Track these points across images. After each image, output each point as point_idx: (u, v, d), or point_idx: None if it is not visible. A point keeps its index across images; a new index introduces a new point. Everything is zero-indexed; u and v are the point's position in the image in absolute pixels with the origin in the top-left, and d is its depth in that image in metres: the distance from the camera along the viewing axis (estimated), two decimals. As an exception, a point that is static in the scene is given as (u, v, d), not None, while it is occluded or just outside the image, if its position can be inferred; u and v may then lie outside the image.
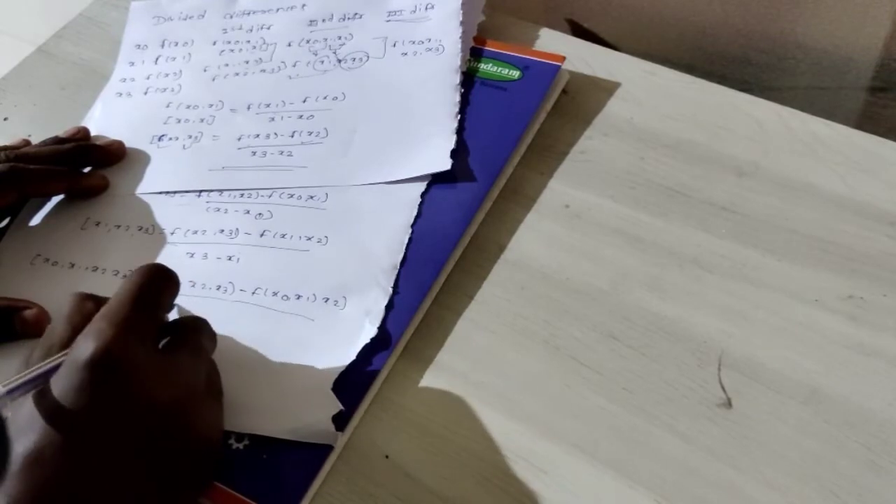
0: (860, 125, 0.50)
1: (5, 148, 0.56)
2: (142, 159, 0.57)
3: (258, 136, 0.56)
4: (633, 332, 0.44)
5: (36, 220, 0.55)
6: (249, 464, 0.42)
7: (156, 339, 0.40)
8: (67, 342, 0.38)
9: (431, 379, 0.45)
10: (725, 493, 0.39)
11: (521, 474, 0.41)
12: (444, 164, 0.51)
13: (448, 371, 0.45)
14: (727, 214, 0.48)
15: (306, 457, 0.42)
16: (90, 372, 0.36)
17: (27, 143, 0.57)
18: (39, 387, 0.36)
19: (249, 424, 0.43)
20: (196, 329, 0.42)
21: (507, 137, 0.52)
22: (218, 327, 0.45)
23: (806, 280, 0.44)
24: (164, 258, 0.51)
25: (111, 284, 0.50)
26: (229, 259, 0.50)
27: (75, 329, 0.39)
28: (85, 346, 0.36)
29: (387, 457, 0.42)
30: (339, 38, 0.60)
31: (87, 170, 0.57)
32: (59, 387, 0.36)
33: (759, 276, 0.45)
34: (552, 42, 0.58)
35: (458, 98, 0.54)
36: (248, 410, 0.43)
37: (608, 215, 0.49)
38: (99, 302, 0.40)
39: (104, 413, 0.36)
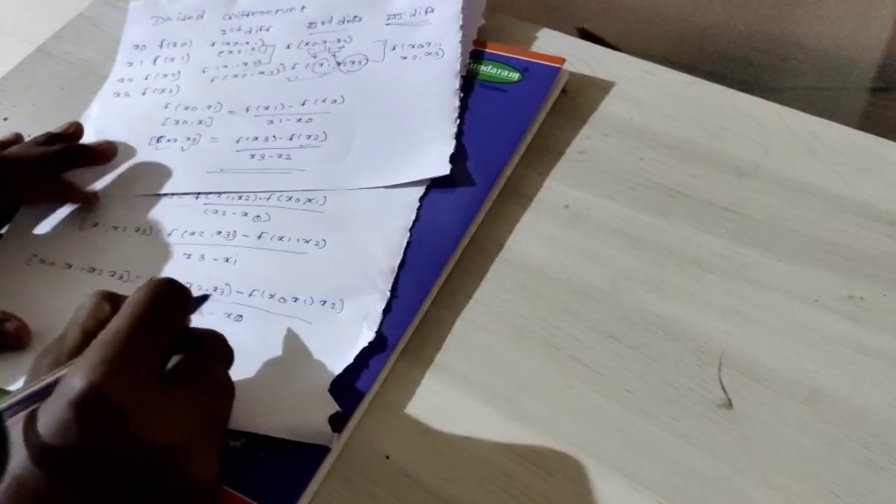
0: (861, 125, 0.50)
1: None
2: (140, 161, 0.57)
3: (256, 138, 0.56)
4: (633, 332, 0.44)
5: (33, 221, 0.55)
6: (247, 462, 0.42)
7: (159, 368, 0.37)
8: (78, 350, 0.36)
9: (431, 379, 0.45)
10: (726, 493, 0.39)
11: (522, 474, 0.41)
12: (443, 168, 0.51)
13: (448, 371, 0.45)
14: (727, 214, 0.48)
15: (304, 456, 0.42)
16: (76, 411, 0.33)
17: (19, 136, 0.57)
18: (38, 403, 0.34)
19: (246, 422, 0.43)
20: (207, 352, 0.39)
21: (506, 139, 0.52)
22: (215, 328, 0.45)
23: (806, 280, 0.44)
24: (162, 259, 0.51)
25: (108, 286, 0.50)
26: (226, 261, 0.50)
27: (87, 336, 0.36)
28: (74, 381, 0.33)
29: (387, 457, 0.42)
30: (339, 40, 0.60)
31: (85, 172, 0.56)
32: (44, 420, 0.33)
33: (759, 276, 0.45)
34: (552, 42, 0.58)
35: (457, 103, 0.54)
36: (245, 409, 0.43)
37: (608, 215, 0.49)
38: (117, 306, 0.38)
39: (89, 454, 0.33)
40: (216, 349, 0.39)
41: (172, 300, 0.38)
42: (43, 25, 0.70)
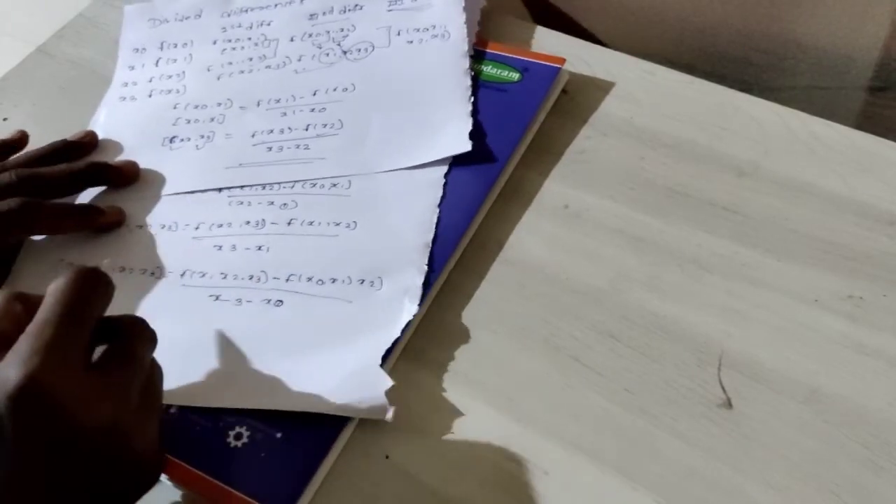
0: (860, 125, 0.50)
1: (4, 146, 0.55)
2: (156, 163, 0.57)
3: (272, 131, 0.56)
4: (632, 332, 0.44)
5: None
6: (248, 461, 0.42)
7: (86, 355, 0.37)
8: None
9: (432, 378, 0.45)
10: (726, 494, 0.39)
11: (522, 474, 0.41)
12: (465, 145, 0.51)
13: (448, 371, 0.45)
14: (727, 214, 0.48)
15: (305, 455, 0.42)
16: (14, 402, 0.33)
17: (24, 134, 0.57)
18: None
19: (300, 403, 0.43)
20: (130, 336, 0.39)
21: (507, 138, 0.52)
22: (256, 316, 0.46)
23: (806, 280, 0.44)
24: (192, 252, 0.51)
25: (141, 284, 0.50)
26: (258, 249, 0.50)
27: (2, 337, 0.36)
28: (9, 374, 0.34)
29: (387, 457, 0.42)
30: (342, 29, 0.60)
31: (100, 189, 0.56)
32: None
33: (759, 276, 0.45)
34: (552, 42, 0.58)
35: (469, 82, 0.55)
36: (298, 390, 0.43)
37: (608, 215, 0.49)
38: (28, 304, 0.38)
39: (30, 443, 0.34)
40: (137, 331, 0.40)
41: (94, 288, 0.38)
42: (43, 25, 0.70)
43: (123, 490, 0.38)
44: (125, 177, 0.56)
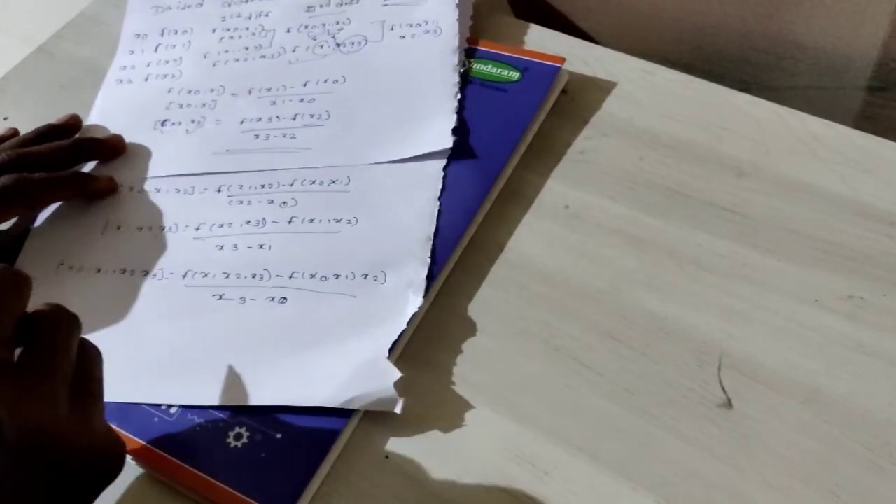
0: (859, 125, 0.50)
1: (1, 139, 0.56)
2: (146, 145, 0.57)
3: (260, 119, 0.57)
4: (632, 332, 0.44)
5: (52, 230, 0.54)
6: (247, 462, 0.42)
7: (8, 356, 0.35)
8: None
9: (431, 380, 0.45)
10: (726, 494, 0.39)
11: (522, 475, 0.41)
12: (446, 142, 0.51)
13: (448, 372, 0.45)
14: (727, 214, 0.48)
15: (304, 456, 0.42)
16: None
17: (15, 131, 0.57)
18: None
19: (309, 397, 0.43)
20: (48, 328, 0.37)
21: (506, 139, 0.52)
22: (260, 314, 0.46)
23: (806, 280, 0.45)
24: (193, 253, 0.51)
25: (143, 286, 0.50)
26: (261, 247, 0.50)
27: None
28: None
29: (386, 457, 0.42)
30: (338, 23, 0.61)
31: (92, 164, 0.57)
32: None
33: (759, 276, 0.45)
34: (552, 42, 0.58)
35: (457, 78, 0.55)
36: (306, 385, 0.44)
37: (608, 215, 0.49)
38: None
39: None
40: (55, 322, 0.38)
41: (8, 287, 0.36)
42: (43, 25, 0.70)
43: (79, 485, 0.36)
44: (113, 150, 0.57)
